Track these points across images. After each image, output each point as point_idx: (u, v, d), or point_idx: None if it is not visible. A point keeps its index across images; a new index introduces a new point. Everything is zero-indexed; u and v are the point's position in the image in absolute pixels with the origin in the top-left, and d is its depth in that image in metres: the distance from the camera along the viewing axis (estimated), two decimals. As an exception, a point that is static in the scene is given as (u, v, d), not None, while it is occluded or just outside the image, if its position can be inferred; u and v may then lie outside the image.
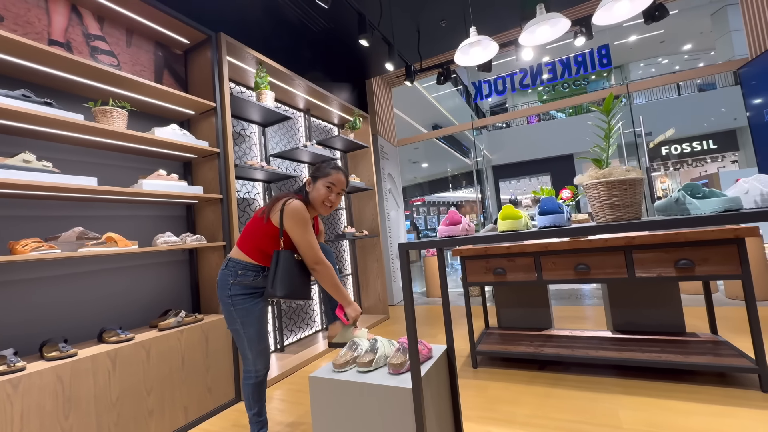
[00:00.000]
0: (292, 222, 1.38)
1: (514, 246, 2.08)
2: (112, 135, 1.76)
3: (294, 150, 2.87)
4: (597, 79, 12.36)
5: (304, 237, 1.38)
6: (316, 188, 1.46)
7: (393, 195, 4.85)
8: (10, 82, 1.64)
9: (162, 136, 1.94)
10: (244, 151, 2.75)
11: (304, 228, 1.38)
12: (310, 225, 1.41)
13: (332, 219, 3.72)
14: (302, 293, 1.40)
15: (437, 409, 1.23)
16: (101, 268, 1.88)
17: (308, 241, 1.38)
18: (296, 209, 1.38)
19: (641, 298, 2.31)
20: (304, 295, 1.41)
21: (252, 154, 2.81)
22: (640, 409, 1.64)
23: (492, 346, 2.27)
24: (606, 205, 0.96)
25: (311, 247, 1.38)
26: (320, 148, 3.11)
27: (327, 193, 1.46)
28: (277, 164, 3.09)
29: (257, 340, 1.47)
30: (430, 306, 4.21)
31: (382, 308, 3.80)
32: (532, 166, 10.33)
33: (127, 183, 1.97)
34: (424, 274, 4.87)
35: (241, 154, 2.72)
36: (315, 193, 1.46)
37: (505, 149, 10.12)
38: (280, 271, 1.37)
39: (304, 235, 1.38)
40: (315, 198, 1.47)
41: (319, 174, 1.47)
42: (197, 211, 2.29)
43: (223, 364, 2.02)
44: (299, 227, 1.37)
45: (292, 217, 1.38)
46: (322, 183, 1.46)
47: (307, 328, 3.20)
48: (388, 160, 4.80)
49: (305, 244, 1.38)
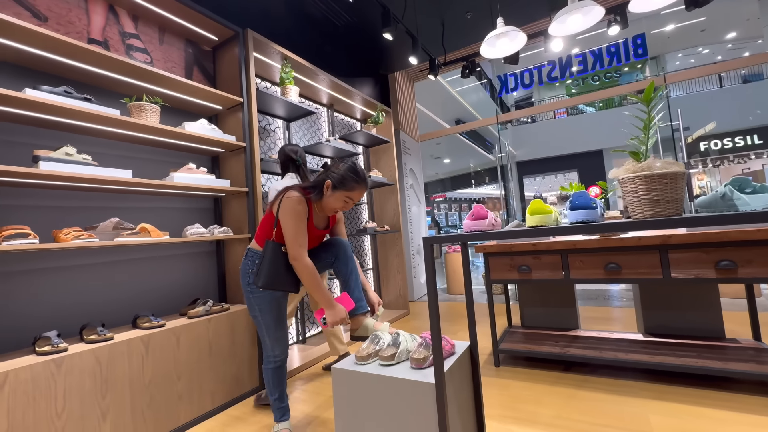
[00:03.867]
0: (283, 213, 1.37)
1: (540, 243, 2.03)
2: (145, 129, 1.83)
3: (317, 145, 2.89)
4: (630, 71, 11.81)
5: (291, 229, 1.35)
6: (333, 197, 1.42)
7: (414, 190, 4.82)
8: (53, 79, 1.73)
9: (191, 131, 1.99)
10: (269, 146, 2.80)
11: (294, 220, 1.35)
12: (302, 220, 1.36)
13: (354, 213, 3.73)
14: (283, 285, 1.38)
15: (459, 405, 1.22)
16: (135, 257, 1.97)
17: (293, 234, 1.34)
18: (291, 201, 1.35)
19: (676, 300, 2.20)
20: (286, 287, 1.39)
21: (277, 148, 2.85)
22: (673, 415, 1.57)
23: (515, 344, 2.23)
24: (644, 201, 0.91)
25: (295, 241, 1.35)
26: (343, 143, 3.11)
27: (342, 205, 1.42)
28: (301, 159, 3.11)
29: (274, 326, 1.50)
30: (452, 303, 4.17)
31: (403, 304, 3.79)
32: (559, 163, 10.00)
33: (159, 176, 2.04)
34: (445, 271, 4.82)
35: (267, 149, 2.76)
36: (329, 201, 1.42)
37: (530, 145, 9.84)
38: (265, 262, 1.37)
39: (292, 228, 1.35)
40: (327, 205, 1.43)
41: (342, 186, 1.41)
42: (224, 204, 2.34)
43: (248, 353, 2.08)
44: (289, 219, 1.35)
45: (284, 208, 1.37)
46: (341, 195, 1.41)
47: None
48: (410, 155, 4.76)
49: (289, 236, 1.35)
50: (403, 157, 4.52)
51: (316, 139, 3.27)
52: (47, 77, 1.72)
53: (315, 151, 3.07)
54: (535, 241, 2.04)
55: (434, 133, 5.47)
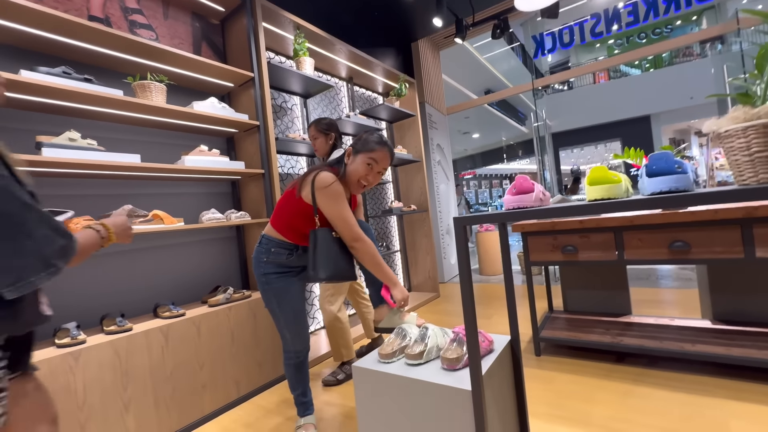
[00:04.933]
0: (323, 196, 1.27)
1: (588, 220, 1.78)
2: (151, 110, 1.73)
3: (337, 121, 2.73)
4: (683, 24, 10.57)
5: (339, 212, 1.27)
6: (355, 162, 1.33)
7: (442, 167, 4.64)
8: (51, 59, 1.65)
9: (201, 110, 1.89)
10: (287, 125, 2.68)
11: (337, 202, 1.27)
12: (345, 198, 1.29)
13: (378, 193, 3.60)
14: (347, 273, 1.30)
15: (500, 409, 1.05)
16: (153, 245, 1.92)
17: (343, 217, 1.27)
18: (327, 182, 1.27)
19: (753, 282, 1.88)
20: (349, 275, 1.31)
21: (294, 127, 2.74)
22: (760, 420, 1.32)
23: (558, 332, 2.05)
24: (761, 160, 0.66)
25: (347, 222, 1.27)
26: (364, 119, 2.97)
27: (366, 170, 1.33)
28: (320, 137, 2.98)
29: (294, 320, 1.40)
30: (485, 285, 4.01)
31: (432, 286, 3.68)
32: (599, 132, 9.29)
33: (170, 160, 1.96)
34: (477, 251, 4.66)
35: (284, 128, 2.65)
36: (352, 168, 1.33)
37: (567, 114, 9.18)
38: (320, 252, 1.27)
39: (339, 210, 1.27)
40: (351, 173, 1.34)
41: (362, 147, 1.33)
42: (242, 188, 2.26)
43: (272, 341, 2.02)
44: (332, 201, 1.26)
45: (323, 190, 1.27)
46: (363, 158, 1.32)
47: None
48: (436, 130, 4.55)
49: (340, 219, 1.27)
50: (429, 131, 4.31)
51: (336, 115, 3.14)
52: (44, 58, 1.63)
53: (335, 129, 2.93)
54: (583, 218, 1.79)
55: (463, 105, 5.15)
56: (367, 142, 1.34)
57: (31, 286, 0.64)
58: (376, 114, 3.39)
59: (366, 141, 1.34)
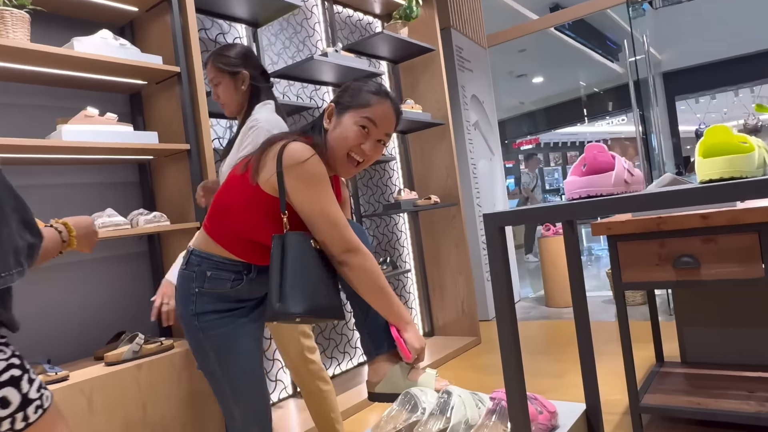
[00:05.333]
0: (296, 179, 1.28)
1: (715, 214, 1.80)
2: (7, 53, 1.76)
3: (307, 63, 2.77)
4: None
5: (321, 205, 1.28)
6: (341, 126, 1.36)
7: (482, 133, 4.66)
8: None
9: (86, 51, 1.92)
10: (225, 71, 2.71)
11: (319, 188, 1.29)
12: (329, 183, 1.32)
13: (376, 177, 3.64)
14: (334, 307, 1.33)
15: None
16: (15, 268, 1.95)
17: (328, 213, 1.28)
18: (300, 156, 1.28)
19: None
20: (336, 311, 1.34)
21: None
22: None
23: (672, 396, 2.08)
24: None
25: (334, 222, 1.28)
26: (351, 57, 3.01)
27: (359, 136, 1.35)
28: (282, 89, 3.04)
29: (245, 386, 1.42)
30: (555, 322, 4.06)
31: (468, 326, 3.71)
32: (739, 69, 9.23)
33: (39, 133, 2.00)
34: (542, 268, 4.65)
35: (221, 76, 2.68)
36: (337, 134, 1.36)
37: (688, 40, 9.13)
38: (292, 271, 1.28)
39: (321, 202, 1.28)
40: (336, 142, 1.36)
41: (350, 101, 1.37)
42: (155, 174, 2.31)
43: (211, 418, 2.05)
44: (310, 187, 1.29)
45: (295, 169, 1.28)
46: (352, 118, 1.35)
47: (347, 356, 3.20)
48: (470, 73, 4.57)
49: (323, 217, 1.28)
50: (458, 75, 4.34)
51: (306, 53, 3.16)
52: None
53: (304, 75, 2.99)
54: (707, 211, 1.80)
55: (516, 30, 5.17)
56: (357, 92, 1.37)
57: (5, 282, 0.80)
58: (370, 49, 3.41)
59: (356, 91, 1.37)
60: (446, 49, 4.22)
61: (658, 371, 2.34)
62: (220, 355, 1.39)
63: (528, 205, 4.64)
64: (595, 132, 14.16)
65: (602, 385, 2.62)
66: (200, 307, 1.38)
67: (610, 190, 0.89)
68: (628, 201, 0.77)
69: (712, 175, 0.80)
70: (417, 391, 1.28)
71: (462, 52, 4.46)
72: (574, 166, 0.97)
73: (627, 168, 0.94)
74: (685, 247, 1.87)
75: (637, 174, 0.97)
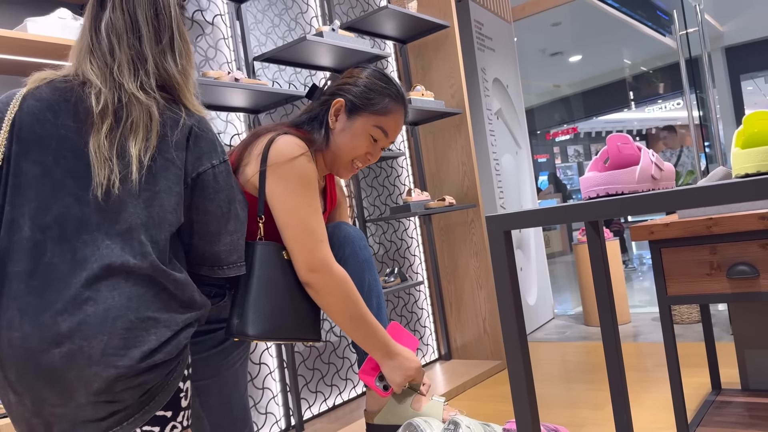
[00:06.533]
0: (277, 178, 1.33)
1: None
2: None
3: (299, 44, 2.79)
4: None
5: (298, 212, 1.33)
6: (352, 129, 1.44)
7: (506, 122, 4.67)
8: None
9: (40, 34, 1.95)
10: (205, 54, 2.76)
11: (300, 192, 1.34)
12: (315, 189, 1.37)
13: (382, 175, 3.66)
14: (300, 328, 1.37)
15: None
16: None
17: (304, 222, 1.33)
18: (288, 152, 1.34)
19: None
20: (304, 332, 1.38)
21: (219, 58, 2.80)
22: None
23: (729, 430, 2.08)
24: None
25: (308, 234, 1.33)
26: (351, 37, 3.02)
27: (370, 146, 1.45)
28: (272, 75, 3.06)
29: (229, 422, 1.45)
30: (593, 343, 4.04)
31: (492, 348, 3.72)
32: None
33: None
34: (579, 280, 4.64)
35: (200, 61, 2.72)
36: (346, 138, 1.44)
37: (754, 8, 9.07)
38: (257, 286, 1.33)
39: (298, 208, 1.33)
40: (344, 146, 1.44)
41: (366, 103, 1.44)
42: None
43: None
44: (291, 190, 1.34)
45: (279, 168, 1.34)
46: (367, 123, 1.44)
47: (350, 383, 3.21)
48: (492, 53, 4.58)
49: (298, 226, 1.33)
50: (477, 56, 4.34)
51: (298, 33, 3.18)
52: None
53: (295, 59, 3.02)
54: (765, 211, 1.81)
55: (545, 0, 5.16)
56: (376, 93, 1.44)
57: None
58: (373, 27, 3.43)
59: (374, 92, 1.44)
60: (463, 25, 4.22)
61: (714, 400, 2.34)
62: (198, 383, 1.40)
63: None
64: (644, 119, 14.06)
65: (650, 416, 2.63)
66: None
67: (634, 187, 0.90)
68: (650, 200, 0.78)
69: (749, 169, 0.81)
70: (421, 421, 1.30)
71: (482, 28, 4.45)
72: (593, 160, 0.98)
73: (655, 162, 0.95)
74: (741, 254, 1.87)
75: (667, 168, 0.98)
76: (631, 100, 12.96)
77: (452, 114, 3.59)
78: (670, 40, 10.80)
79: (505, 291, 0.91)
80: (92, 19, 1.20)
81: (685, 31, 4.75)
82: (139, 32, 1.18)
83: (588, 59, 11.42)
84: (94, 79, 1.13)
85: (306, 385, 3.00)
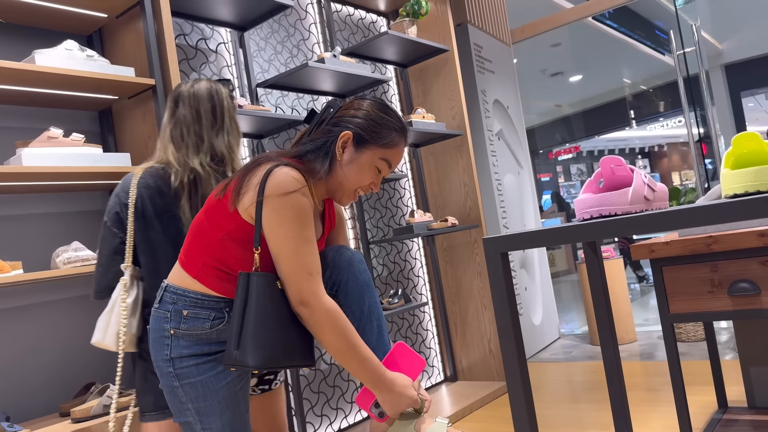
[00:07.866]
0: (272, 211, 1.34)
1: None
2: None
3: (301, 70, 2.83)
4: None
5: (292, 245, 1.33)
6: (359, 161, 1.45)
7: (507, 143, 4.70)
8: None
9: (48, 66, 1.98)
10: (207, 81, 2.78)
11: (295, 226, 1.34)
12: (310, 223, 1.37)
13: (385, 197, 3.68)
14: (299, 357, 1.38)
15: None
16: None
17: (296, 256, 1.33)
18: (284, 187, 1.34)
19: None
20: (301, 360, 1.38)
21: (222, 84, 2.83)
22: None
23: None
24: None
25: (299, 267, 1.33)
26: (352, 63, 3.06)
27: (373, 175, 1.48)
28: (274, 101, 3.10)
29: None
30: (600, 363, 3.99)
31: (498, 368, 3.70)
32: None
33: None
34: (584, 299, 4.63)
35: (202, 87, 2.75)
36: (351, 170, 1.45)
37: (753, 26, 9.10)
38: (255, 316, 1.33)
39: (292, 242, 1.34)
40: (349, 176, 1.46)
41: (373, 136, 1.45)
42: (128, 201, 2.37)
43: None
44: (285, 223, 1.34)
45: (274, 201, 1.34)
46: (374, 155, 1.46)
47: (352, 408, 3.20)
48: (492, 75, 4.61)
49: (291, 261, 1.33)
50: (477, 78, 4.38)
51: (300, 59, 3.21)
52: None
53: (298, 84, 3.05)
54: (764, 228, 1.81)
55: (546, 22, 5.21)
56: (382, 127, 1.46)
57: None
58: (374, 52, 3.46)
59: (380, 126, 1.46)
60: (462, 49, 4.26)
61: (720, 418, 2.33)
62: (199, 405, 1.41)
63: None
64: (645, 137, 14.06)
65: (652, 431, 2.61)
66: (176, 351, 1.41)
67: (627, 208, 0.92)
68: (642, 221, 0.80)
69: (738, 189, 0.83)
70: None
71: (481, 51, 4.48)
72: (587, 182, 1.00)
73: (647, 183, 0.97)
74: (742, 271, 1.87)
75: (659, 189, 0.99)
76: (632, 119, 12.98)
77: (453, 135, 3.61)
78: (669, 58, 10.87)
79: (504, 312, 0.93)
80: (170, 115, 1.71)
81: (683, 51, 4.78)
82: (200, 121, 1.68)
83: (588, 79, 11.46)
84: (173, 161, 1.64)
85: (311, 409, 2.98)
